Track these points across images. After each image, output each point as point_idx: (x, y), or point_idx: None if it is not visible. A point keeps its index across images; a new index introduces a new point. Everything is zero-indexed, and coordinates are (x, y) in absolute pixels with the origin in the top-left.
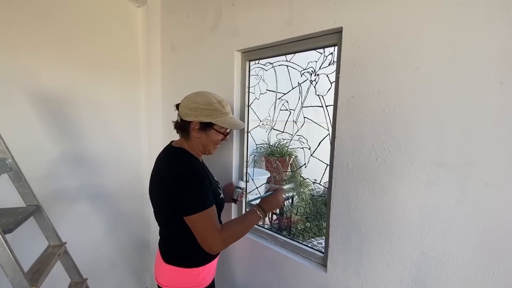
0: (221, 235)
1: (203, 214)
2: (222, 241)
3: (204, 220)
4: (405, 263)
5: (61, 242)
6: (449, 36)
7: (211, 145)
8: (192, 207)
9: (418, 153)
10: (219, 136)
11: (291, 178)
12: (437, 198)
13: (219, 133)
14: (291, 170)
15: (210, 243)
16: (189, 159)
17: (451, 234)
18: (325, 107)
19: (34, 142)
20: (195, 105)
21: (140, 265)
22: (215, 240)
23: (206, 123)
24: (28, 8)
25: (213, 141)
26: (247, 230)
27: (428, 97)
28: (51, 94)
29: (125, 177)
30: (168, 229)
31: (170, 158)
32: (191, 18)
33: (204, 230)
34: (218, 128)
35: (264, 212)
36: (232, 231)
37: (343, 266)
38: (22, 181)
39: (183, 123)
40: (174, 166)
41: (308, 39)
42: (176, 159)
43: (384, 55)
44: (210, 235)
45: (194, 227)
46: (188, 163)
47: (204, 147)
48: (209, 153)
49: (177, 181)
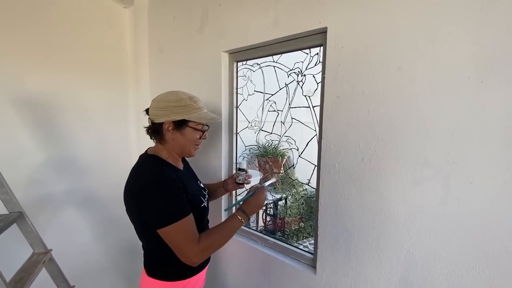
0: (199, 246)
1: (176, 226)
2: (200, 252)
3: (178, 232)
4: (392, 263)
5: (46, 249)
6: (430, 35)
7: (190, 146)
8: (162, 219)
9: (403, 153)
10: (196, 133)
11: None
12: (422, 198)
13: (195, 130)
14: (284, 170)
15: (187, 255)
16: (159, 167)
17: (436, 233)
18: (312, 107)
19: (18, 147)
20: (164, 104)
21: (131, 270)
22: (193, 252)
23: (179, 121)
24: (12, 12)
25: (191, 141)
26: (228, 237)
27: (412, 97)
28: (36, 98)
29: (113, 181)
30: (146, 242)
31: (138, 168)
32: (178, 19)
33: (179, 243)
34: (194, 125)
35: (246, 215)
36: (212, 240)
37: (332, 267)
38: (4, 188)
39: (155, 125)
40: (141, 176)
41: (294, 39)
42: (144, 169)
43: (368, 55)
44: (187, 247)
45: (168, 240)
46: (156, 171)
47: (182, 149)
48: (190, 154)
49: (144, 192)
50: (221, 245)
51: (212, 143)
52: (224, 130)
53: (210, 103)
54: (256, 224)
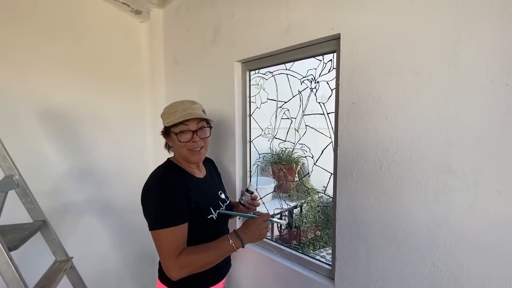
0: (177, 261)
1: (162, 232)
2: (178, 268)
3: (162, 240)
4: (416, 276)
5: (68, 257)
6: (450, 38)
7: (183, 150)
8: (152, 222)
9: (424, 161)
10: (181, 137)
11: (282, 217)
12: (447, 208)
13: (180, 133)
14: (298, 177)
15: (166, 267)
16: (166, 170)
17: (463, 245)
18: (326, 114)
19: (41, 157)
20: (161, 114)
21: (148, 278)
22: (170, 265)
23: (166, 128)
24: (36, 29)
25: (179, 146)
26: (213, 260)
27: (432, 102)
28: (59, 110)
29: (131, 190)
30: None
31: (152, 172)
32: (192, 31)
33: (160, 251)
34: (175, 130)
35: (240, 241)
36: (193, 259)
37: (351, 279)
38: (29, 197)
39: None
40: (148, 179)
41: (306, 46)
42: (154, 173)
43: (384, 60)
44: (166, 258)
45: (155, 245)
46: (161, 175)
47: (180, 154)
48: (188, 160)
49: (144, 194)
50: (205, 266)
51: (226, 152)
52: (238, 139)
53: (224, 112)
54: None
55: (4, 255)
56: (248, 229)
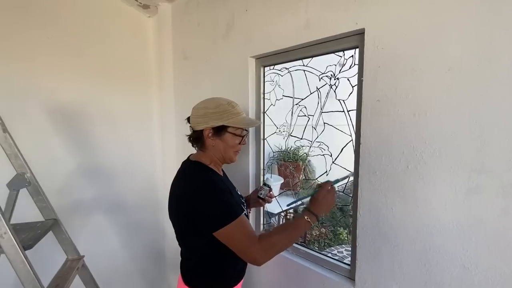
0: (260, 246)
1: (234, 225)
2: (263, 252)
3: (237, 232)
4: (443, 278)
5: (79, 256)
6: (485, 33)
7: (230, 151)
8: (221, 219)
9: (455, 160)
10: (236, 139)
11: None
12: (479, 208)
13: (234, 135)
14: (304, 175)
15: (251, 255)
16: (206, 172)
17: (497, 247)
18: (346, 112)
19: (51, 154)
20: (203, 111)
21: (156, 275)
22: (255, 251)
23: (218, 127)
24: (43, 23)
25: (231, 146)
26: (293, 238)
27: (465, 99)
28: (67, 107)
29: (139, 187)
30: (189, 251)
31: (184, 174)
32: (203, 26)
33: (240, 243)
34: (233, 130)
35: (316, 216)
36: (273, 240)
37: (373, 280)
38: (41, 195)
39: (196, 133)
40: (190, 182)
41: (327, 42)
42: (191, 175)
43: (412, 56)
44: (248, 246)
45: (230, 240)
46: (204, 176)
47: (224, 155)
48: (231, 160)
49: (197, 197)
50: (286, 246)
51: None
52: (252, 136)
53: None
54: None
55: (20, 254)
56: (317, 202)
